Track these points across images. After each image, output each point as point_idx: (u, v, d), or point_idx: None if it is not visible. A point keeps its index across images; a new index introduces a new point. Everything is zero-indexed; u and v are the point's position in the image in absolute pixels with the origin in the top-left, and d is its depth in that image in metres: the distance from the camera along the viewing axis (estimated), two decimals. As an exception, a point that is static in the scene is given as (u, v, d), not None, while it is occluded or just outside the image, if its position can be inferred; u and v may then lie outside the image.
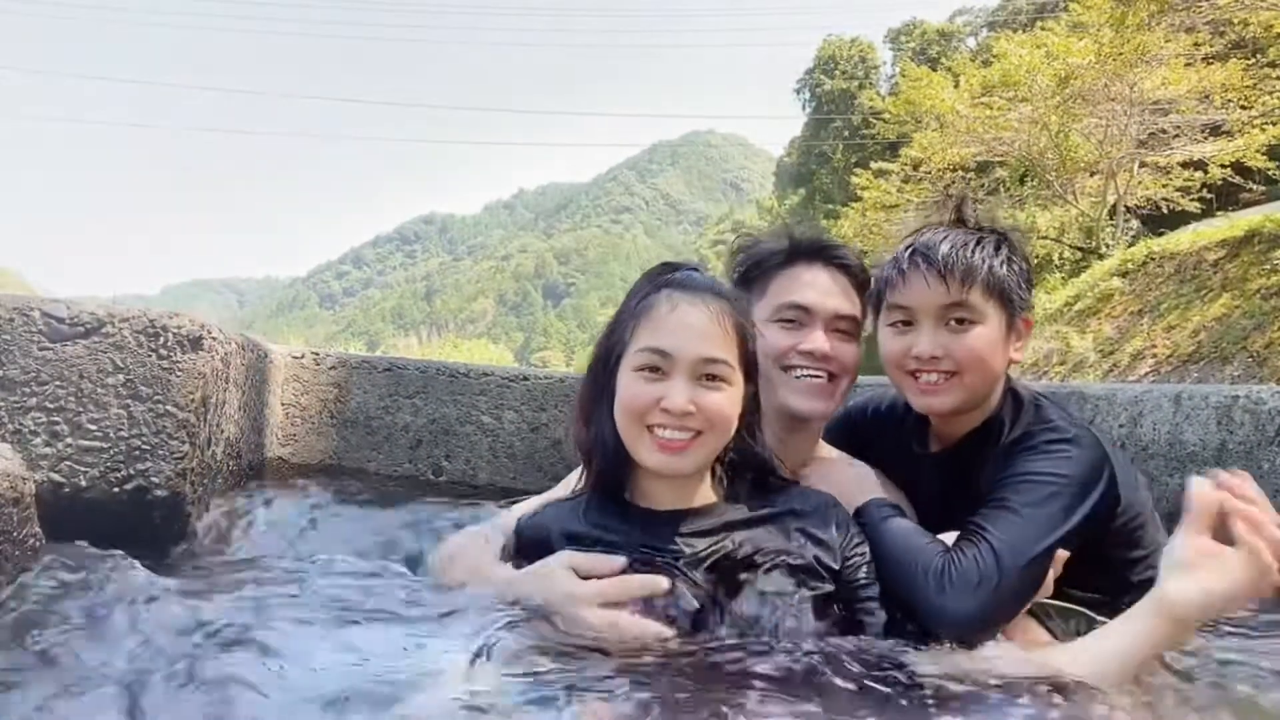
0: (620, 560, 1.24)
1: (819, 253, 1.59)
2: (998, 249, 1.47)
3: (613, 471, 1.31)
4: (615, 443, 1.29)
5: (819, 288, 1.56)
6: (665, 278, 1.33)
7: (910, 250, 1.48)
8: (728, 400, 1.26)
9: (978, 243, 1.46)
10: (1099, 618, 1.34)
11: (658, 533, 1.28)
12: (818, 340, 1.53)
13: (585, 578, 1.23)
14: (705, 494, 1.33)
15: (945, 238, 1.46)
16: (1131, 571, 1.44)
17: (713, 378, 1.24)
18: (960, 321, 1.44)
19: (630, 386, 1.26)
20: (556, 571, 1.25)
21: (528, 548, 1.36)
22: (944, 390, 1.45)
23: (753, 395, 1.32)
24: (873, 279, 1.58)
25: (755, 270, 1.61)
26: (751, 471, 1.34)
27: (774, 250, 1.61)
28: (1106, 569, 1.44)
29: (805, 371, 1.53)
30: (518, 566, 1.33)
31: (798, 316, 1.55)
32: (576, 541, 1.30)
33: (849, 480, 1.49)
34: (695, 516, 1.29)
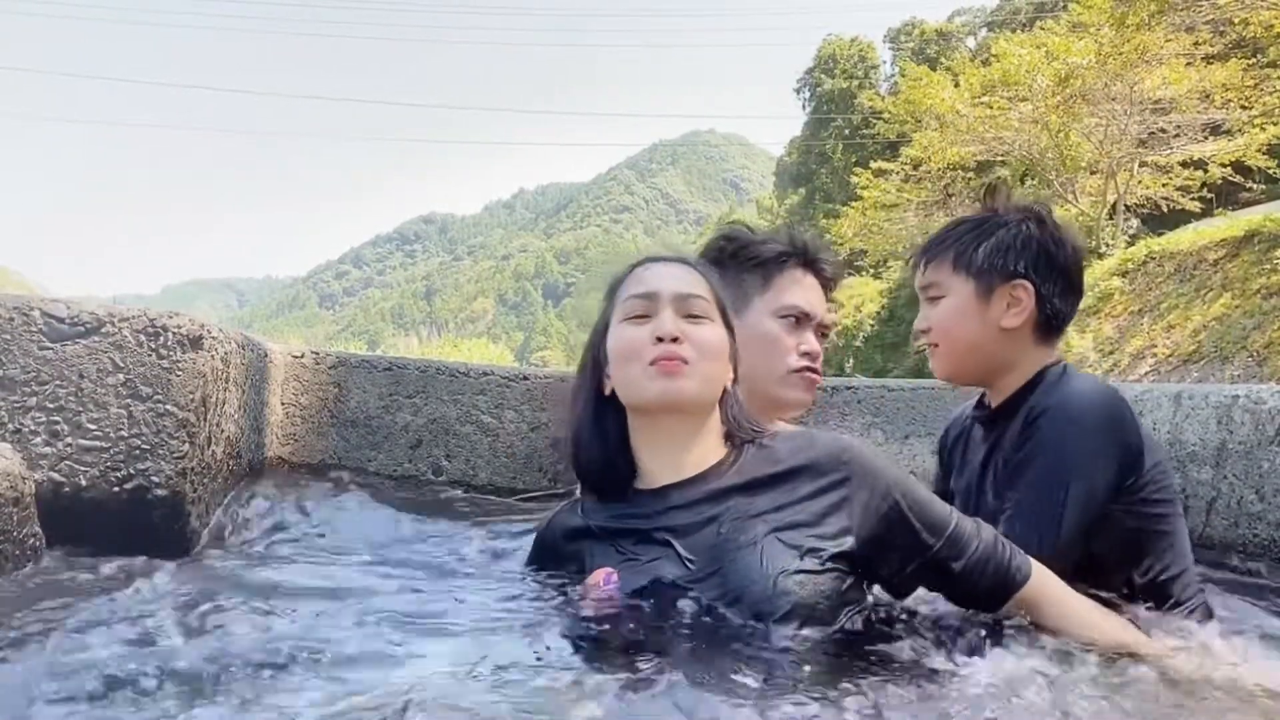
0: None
1: (814, 262, 1.72)
2: (979, 225, 1.54)
3: (607, 459, 1.28)
4: (613, 429, 1.28)
5: (815, 295, 1.70)
6: (630, 264, 1.35)
7: None
8: (714, 334, 1.26)
9: (960, 223, 1.58)
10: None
11: (648, 509, 1.24)
12: (813, 342, 1.67)
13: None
14: (703, 460, 1.25)
15: (942, 228, 1.61)
16: (1151, 561, 1.40)
17: (697, 316, 1.25)
18: (933, 299, 1.57)
19: (622, 336, 1.25)
20: None
21: (540, 554, 1.37)
22: (935, 360, 1.59)
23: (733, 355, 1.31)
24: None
25: (752, 260, 1.67)
26: (752, 431, 1.28)
27: (780, 250, 1.69)
28: (1127, 554, 1.41)
29: (807, 368, 1.66)
30: (538, 572, 1.35)
31: (800, 318, 1.66)
32: (572, 536, 1.29)
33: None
34: (687, 486, 1.24)
